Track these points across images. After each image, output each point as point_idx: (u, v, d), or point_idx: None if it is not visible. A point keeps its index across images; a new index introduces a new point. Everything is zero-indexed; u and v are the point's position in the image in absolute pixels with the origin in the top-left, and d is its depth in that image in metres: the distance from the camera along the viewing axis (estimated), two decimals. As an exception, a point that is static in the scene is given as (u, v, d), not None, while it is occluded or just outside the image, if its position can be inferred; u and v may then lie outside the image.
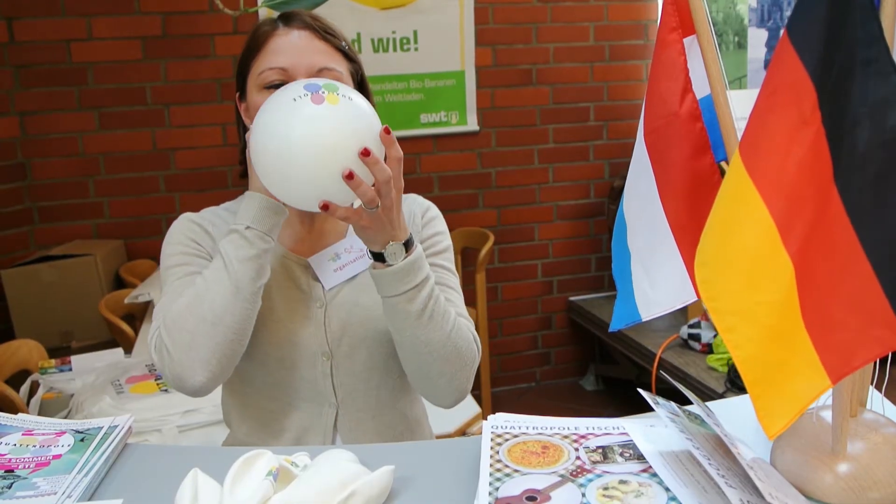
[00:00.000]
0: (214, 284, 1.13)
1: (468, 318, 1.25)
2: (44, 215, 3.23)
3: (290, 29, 1.21)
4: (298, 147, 1.01)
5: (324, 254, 1.27)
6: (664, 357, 2.92)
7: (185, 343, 1.11)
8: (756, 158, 0.80)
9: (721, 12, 3.66)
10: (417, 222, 1.32)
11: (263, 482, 0.83)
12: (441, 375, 1.17)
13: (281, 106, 1.04)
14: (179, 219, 1.29)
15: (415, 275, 1.12)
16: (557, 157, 3.79)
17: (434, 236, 1.32)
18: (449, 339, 1.16)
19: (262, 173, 1.07)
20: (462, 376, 1.19)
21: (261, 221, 1.14)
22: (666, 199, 1.14)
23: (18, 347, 2.29)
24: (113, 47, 3.19)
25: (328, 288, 1.25)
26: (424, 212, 1.33)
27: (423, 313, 1.13)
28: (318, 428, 1.25)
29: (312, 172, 1.02)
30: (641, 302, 1.21)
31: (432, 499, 0.89)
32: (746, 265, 0.80)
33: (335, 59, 1.21)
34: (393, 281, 1.12)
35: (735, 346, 0.79)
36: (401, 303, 1.13)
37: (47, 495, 0.89)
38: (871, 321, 0.73)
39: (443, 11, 3.46)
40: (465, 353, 1.18)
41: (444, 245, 1.32)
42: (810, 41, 0.77)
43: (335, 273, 1.26)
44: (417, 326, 1.14)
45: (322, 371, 1.24)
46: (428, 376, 1.18)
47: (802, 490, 0.86)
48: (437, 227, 1.33)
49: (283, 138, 1.02)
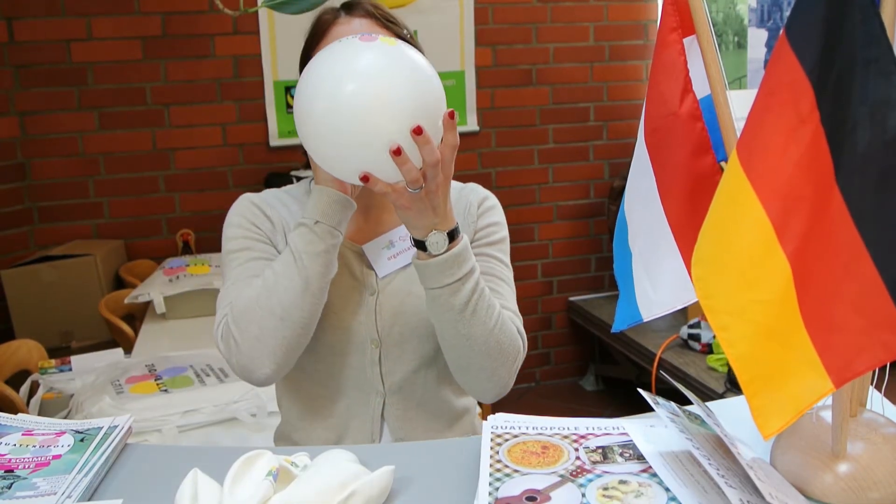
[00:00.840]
0: (284, 279, 1.13)
1: (516, 313, 1.23)
2: (44, 215, 3.23)
3: (352, 17, 1.22)
4: (347, 106, 0.95)
5: (378, 241, 1.27)
6: (664, 357, 2.92)
7: (253, 336, 1.12)
8: (753, 158, 0.80)
9: (721, 12, 3.66)
10: (473, 212, 1.31)
11: (263, 482, 0.83)
12: (482, 370, 1.16)
13: (333, 56, 0.98)
14: (240, 200, 1.29)
15: (458, 267, 1.10)
16: (557, 157, 3.79)
17: (489, 226, 1.30)
18: (492, 334, 1.14)
19: (304, 135, 1.01)
20: (503, 371, 1.17)
21: (329, 216, 1.14)
22: (667, 200, 1.14)
23: (18, 347, 2.29)
24: (113, 47, 3.20)
25: (381, 276, 1.25)
26: (482, 201, 1.33)
27: (467, 307, 1.11)
28: (366, 416, 1.25)
29: (357, 139, 0.97)
30: (643, 302, 1.21)
31: (432, 499, 0.89)
32: (742, 264, 0.80)
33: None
34: (435, 272, 1.09)
35: (729, 345, 0.79)
36: (443, 295, 1.10)
37: (47, 495, 0.89)
38: (876, 323, 0.73)
39: (443, 11, 3.46)
40: (507, 348, 1.16)
41: (499, 236, 1.31)
42: (808, 41, 0.77)
43: (389, 261, 1.26)
44: (460, 320, 1.12)
45: (371, 359, 1.24)
46: (468, 369, 1.17)
47: (802, 490, 0.86)
48: (493, 217, 1.32)
49: (331, 95, 0.96)
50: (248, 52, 3.31)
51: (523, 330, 1.22)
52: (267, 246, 1.24)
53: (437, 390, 1.29)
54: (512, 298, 1.26)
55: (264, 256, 1.22)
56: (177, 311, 2.62)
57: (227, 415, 1.80)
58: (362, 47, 0.99)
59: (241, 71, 3.32)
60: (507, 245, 1.32)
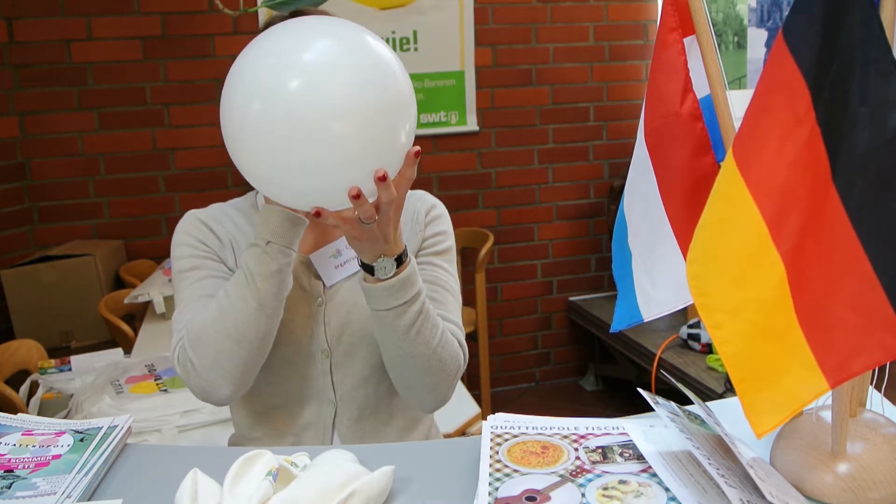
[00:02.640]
0: (238, 301, 1.12)
1: (458, 325, 1.24)
2: (44, 215, 3.23)
3: None
4: (302, 145, 0.88)
5: (325, 250, 1.27)
6: (664, 357, 2.92)
7: (210, 359, 1.12)
8: (748, 158, 0.80)
9: (721, 12, 3.66)
10: (420, 220, 1.30)
11: (263, 482, 0.83)
12: (423, 386, 1.17)
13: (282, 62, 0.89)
14: (185, 217, 1.28)
15: (405, 291, 1.10)
16: (557, 157, 3.79)
17: (436, 235, 1.31)
18: (434, 352, 1.15)
19: (239, 152, 0.93)
20: (443, 386, 1.18)
21: (281, 236, 1.13)
22: (667, 199, 1.15)
23: (18, 347, 2.29)
24: (113, 47, 3.19)
25: (329, 285, 1.25)
26: (429, 210, 1.32)
27: (412, 328, 1.12)
28: (318, 425, 1.25)
29: (313, 182, 0.92)
30: (643, 302, 1.21)
31: (432, 499, 0.89)
32: (736, 263, 0.81)
33: None
34: (382, 296, 1.10)
35: (722, 343, 0.79)
36: (389, 317, 1.11)
37: (47, 495, 0.89)
38: (874, 324, 0.73)
39: (443, 11, 3.46)
40: (449, 364, 1.18)
41: (445, 245, 1.31)
42: (805, 41, 0.77)
43: (336, 270, 1.26)
44: (404, 340, 1.13)
45: (321, 369, 1.24)
46: (410, 386, 1.19)
47: (802, 490, 0.86)
48: (440, 226, 1.32)
49: (283, 126, 0.87)
50: (248, 52, 3.31)
51: (464, 342, 1.23)
52: (217, 263, 1.23)
53: (389, 398, 1.29)
54: (455, 309, 1.27)
55: (215, 274, 1.22)
56: (177, 311, 2.62)
57: (227, 415, 1.80)
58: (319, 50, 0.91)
59: (241, 71, 3.32)
60: (453, 255, 1.33)
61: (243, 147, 0.93)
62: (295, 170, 0.91)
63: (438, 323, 1.17)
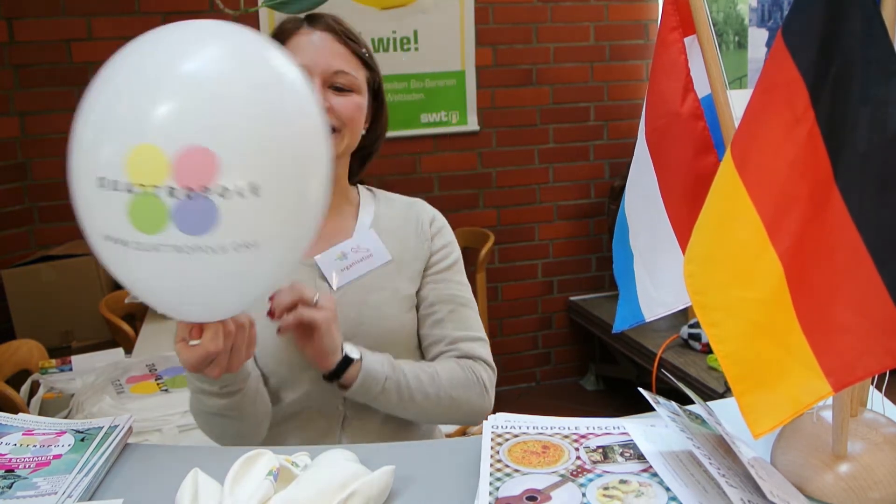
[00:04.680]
0: (204, 424, 1.19)
1: (479, 338, 1.29)
2: (44, 215, 3.23)
3: (314, 29, 1.23)
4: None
5: (330, 253, 1.26)
6: (664, 357, 2.92)
7: (216, 438, 1.21)
8: (746, 157, 0.80)
9: (721, 12, 3.65)
10: (425, 230, 1.32)
11: (264, 482, 0.83)
12: (450, 420, 1.25)
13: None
14: None
15: (375, 383, 1.17)
16: (557, 157, 3.79)
17: (443, 249, 1.32)
18: (439, 398, 1.21)
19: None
20: (473, 414, 1.24)
21: (220, 403, 1.14)
22: (668, 199, 1.15)
23: (19, 347, 2.29)
24: (113, 47, 3.15)
25: (336, 288, 1.24)
26: (432, 220, 1.34)
27: (402, 399, 1.19)
28: (327, 429, 1.24)
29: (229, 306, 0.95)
30: (645, 302, 1.21)
31: (432, 499, 0.89)
32: (733, 262, 0.81)
33: (353, 64, 1.24)
34: (361, 395, 1.18)
35: (718, 342, 0.79)
36: (380, 403, 1.19)
37: (47, 495, 0.89)
38: (878, 327, 0.73)
39: (443, 11, 3.45)
40: (462, 396, 1.23)
41: (454, 257, 1.33)
42: (805, 41, 0.77)
43: (342, 273, 1.26)
44: (405, 408, 1.20)
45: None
46: (441, 422, 1.27)
47: (803, 490, 0.86)
48: (444, 238, 1.34)
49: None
50: (249, 52, 3.31)
51: (486, 353, 1.28)
52: None
53: None
54: (474, 323, 1.31)
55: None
56: (177, 311, 2.62)
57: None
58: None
59: (242, 71, 3.32)
60: (461, 264, 1.35)
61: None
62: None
63: (428, 373, 1.21)
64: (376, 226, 1.30)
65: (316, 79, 1.19)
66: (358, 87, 1.23)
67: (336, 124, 1.20)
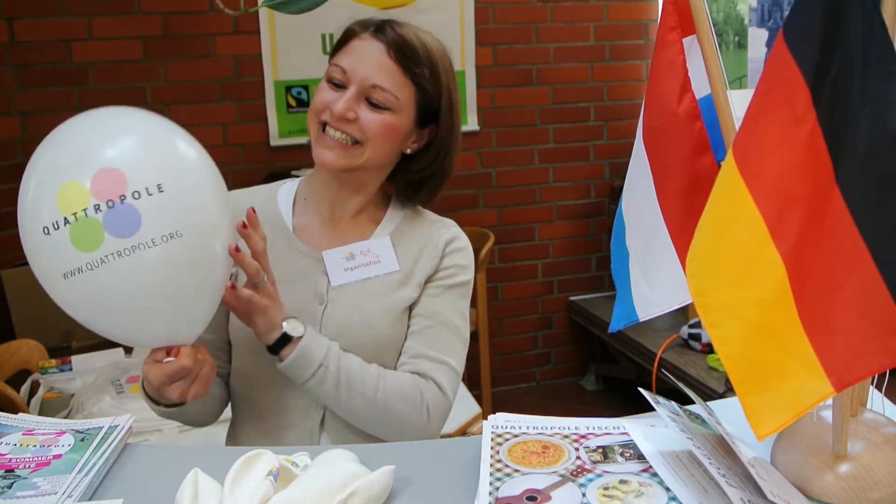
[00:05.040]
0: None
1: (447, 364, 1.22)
2: (44, 215, 3.23)
3: (372, 38, 1.21)
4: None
5: (338, 250, 1.26)
6: (664, 357, 2.92)
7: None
8: (748, 157, 0.80)
9: (721, 12, 3.65)
10: (438, 247, 1.28)
11: (264, 482, 0.83)
12: (386, 432, 1.20)
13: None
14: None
15: (312, 358, 1.15)
16: (558, 157, 3.79)
17: (452, 268, 1.28)
18: (375, 401, 1.17)
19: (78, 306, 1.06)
20: (407, 430, 1.19)
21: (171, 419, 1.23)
22: (664, 199, 1.15)
23: (19, 347, 2.29)
24: (113, 47, 3.19)
25: (334, 285, 1.24)
26: (450, 240, 1.29)
27: (339, 388, 1.16)
28: (305, 426, 1.24)
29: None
30: (639, 302, 1.21)
31: (432, 499, 0.89)
32: (735, 262, 0.81)
33: (397, 81, 1.19)
34: (296, 371, 1.15)
35: (721, 343, 0.79)
36: (315, 386, 1.16)
37: (47, 495, 0.89)
38: (878, 328, 0.73)
39: (443, 11, 3.45)
40: (400, 407, 1.18)
41: (459, 280, 1.28)
42: (805, 40, 0.77)
43: (345, 272, 1.25)
44: (339, 400, 1.17)
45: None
46: (376, 432, 1.21)
47: (803, 490, 0.86)
48: (458, 259, 1.29)
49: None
50: (249, 52, 3.31)
51: (445, 380, 1.22)
52: None
53: None
54: (449, 348, 1.24)
55: None
56: (177, 311, 2.62)
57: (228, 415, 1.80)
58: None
59: (242, 71, 3.32)
60: (467, 290, 1.29)
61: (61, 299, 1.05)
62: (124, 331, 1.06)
63: (372, 373, 1.18)
64: (395, 237, 1.28)
65: (352, 87, 1.18)
66: (396, 105, 1.19)
67: (359, 137, 1.18)
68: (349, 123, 1.18)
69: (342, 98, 1.18)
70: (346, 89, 1.19)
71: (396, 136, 1.22)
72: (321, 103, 1.20)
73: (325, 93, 1.20)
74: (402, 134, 1.23)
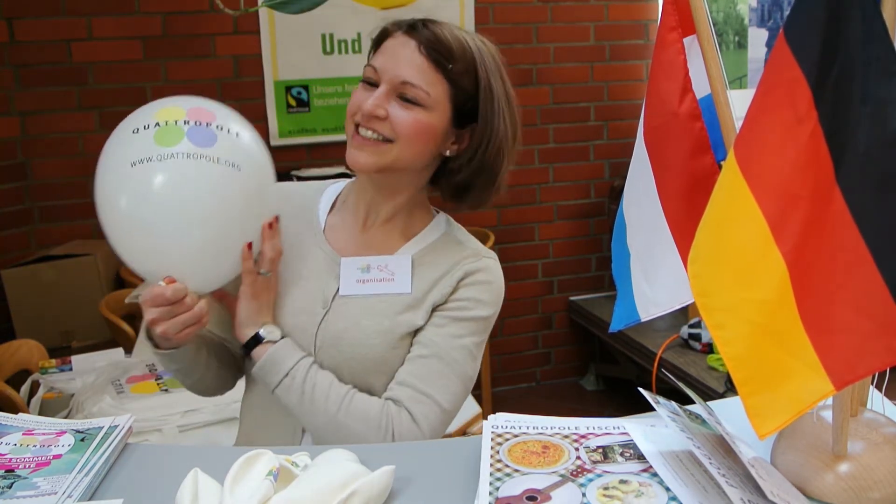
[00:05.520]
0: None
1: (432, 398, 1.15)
2: (44, 215, 3.23)
3: (404, 35, 1.19)
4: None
5: (357, 260, 1.23)
6: (664, 357, 2.92)
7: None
8: (749, 157, 0.80)
9: (721, 12, 3.66)
10: (455, 277, 1.21)
11: (264, 482, 0.83)
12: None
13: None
14: None
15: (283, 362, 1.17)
16: (558, 156, 3.79)
17: (468, 300, 1.20)
18: (336, 420, 1.15)
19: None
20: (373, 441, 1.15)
21: (166, 365, 1.23)
22: (665, 199, 1.15)
23: (19, 347, 2.29)
24: (113, 47, 3.19)
25: (342, 294, 1.22)
26: (470, 273, 1.21)
27: (302, 405, 1.16)
28: (288, 424, 1.22)
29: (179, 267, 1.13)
30: (640, 302, 1.21)
31: (432, 499, 0.89)
32: (737, 263, 0.80)
33: (429, 78, 1.16)
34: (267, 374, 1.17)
35: (724, 343, 0.79)
36: (283, 394, 1.17)
37: (47, 495, 0.89)
38: (879, 327, 0.73)
39: (443, 11, 3.45)
40: (358, 429, 1.14)
41: (472, 314, 1.20)
42: (806, 40, 0.77)
43: (356, 283, 1.22)
44: (303, 412, 1.17)
45: None
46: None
47: (803, 490, 0.86)
48: (473, 292, 1.21)
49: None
50: (249, 52, 3.31)
51: (421, 413, 1.15)
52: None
53: None
54: (437, 380, 1.17)
55: None
56: (177, 311, 2.62)
57: (228, 415, 1.80)
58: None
59: (242, 71, 3.32)
60: (479, 326, 1.21)
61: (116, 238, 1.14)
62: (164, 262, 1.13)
63: (339, 391, 1.16)
64: (420, 257, 1.23)
65: (383, 85, 1.16)
66: (429, 102, 1.15)
67: (389, 135, 1.15)
68: (379, 121, 1.15)
69: (372, 96, 1.16)
70: (378, 88, 1.17)
71: (429, 134, 1.17)
72: (354, 105, 1.18)
73: (358, 94, 1.19)
74: (435, 133, 1.18)
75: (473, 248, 1.26)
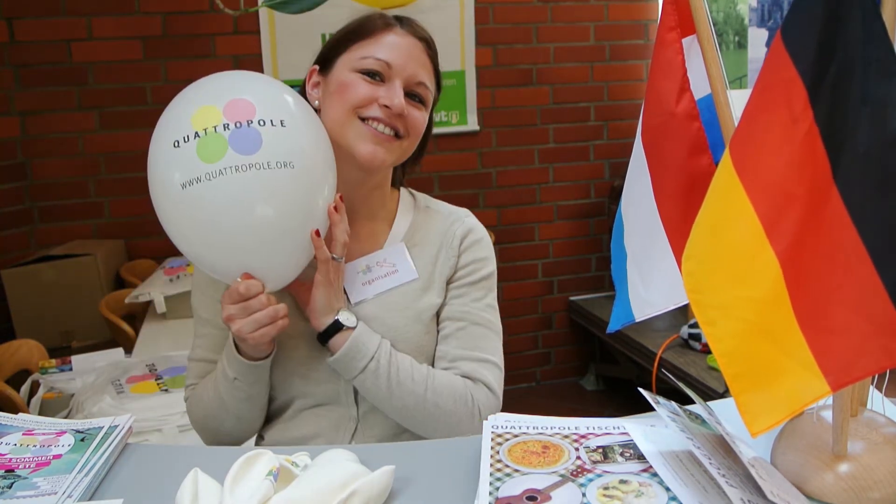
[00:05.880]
0: (218, 415, 1.22)
1: (491, 362, 1.20)
2: (44, 215, 3.23)
3: (408, 34, 1.19)
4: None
5: (355, 265, 1.23)
6: (664, 357, 2.92)
7: (209, 439, 1.27)
8: (744, 156, 0.80)
9: (721, 12, 3.65)
10: (454, 245, 1.25)
11: (264, 482, 0.83)
12: (434, 430, 1.17)
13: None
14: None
15: (366, 348, 1.14)
16: (558, 156, 3.79)
17: (472, 263, 1.25)
18: (426, 399, 1.15)
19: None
20: (457, 429, 1.16)
21: (246, 376, 1.17)
22: (661, 199, 1.15)
23: (19, 347, 2.29)
24: (113, 47, 3.19)
25: (354, 302, 1.21)
26: (465, 234, 1.26)
27: (389, 388, 1.14)
28: (336, 440, 1.22)
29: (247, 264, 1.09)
30: (635, 303, 1.21)
31: (432, 499, 0.89)
32: (731, 261, 0.81)
33: (430, 80, 1.21)
34: (348, 364, 1.14)
35: (716, 340, 0.79)
36: (367, 380, 1.15)
37: (47, 495, 0.89)
38: (876, 328, 0.73)
39: (443, 11, 3.46)
40: (450, 407, 1.16)
41: (482, 273, 1.26)
42: (803, 40, 0.77)
43: (363, 287, 1.22)
44: (390, 397, 1.15)
45: (344, 388, 1.21)
46: (424, 431, 1.19)
47: (803, 490, 0.86)
48: (477, 252, 1.26)
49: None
50: (249, 52, 3.31)
51: (491, 378, 1.19)
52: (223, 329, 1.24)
53: None
54: (485, 342, 1.22)
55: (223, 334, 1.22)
56: (177, 311, 2.62)
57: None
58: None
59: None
60: (490, 283, 1.27)
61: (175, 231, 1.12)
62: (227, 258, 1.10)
63: (422, 370, 1.16)
64: (409, 238, 1.26)
65: (397, 80, 1.16)
66: (428, 102, 1.21)
67: (402, 132, 1.17)
68: (402, 119, 1.16)
69: (392, 93, 1.15)
70: (385, 83, 1.16)
71: (422, 131, 1.22)
72: (363, 97, 1.15)
73: (364, 86, 1.16)
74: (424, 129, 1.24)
75: (448, 211, 1.31)
